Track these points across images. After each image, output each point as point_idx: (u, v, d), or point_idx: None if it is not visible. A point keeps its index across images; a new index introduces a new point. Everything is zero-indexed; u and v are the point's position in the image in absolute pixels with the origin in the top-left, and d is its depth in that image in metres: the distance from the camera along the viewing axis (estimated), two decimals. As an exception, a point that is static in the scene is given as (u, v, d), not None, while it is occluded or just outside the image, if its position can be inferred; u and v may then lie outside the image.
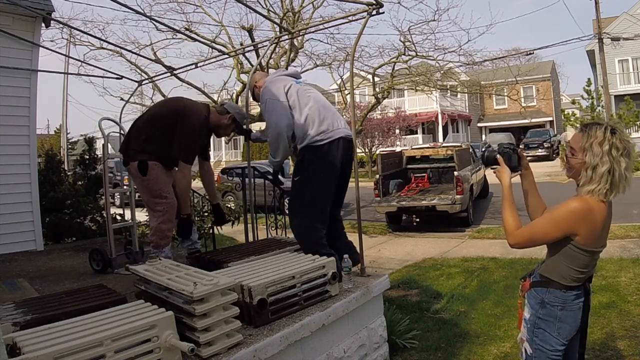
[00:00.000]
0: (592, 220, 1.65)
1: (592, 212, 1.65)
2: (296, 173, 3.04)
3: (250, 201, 4.33)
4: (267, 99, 3.00)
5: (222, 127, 3.37)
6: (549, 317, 1.76)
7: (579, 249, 1.69)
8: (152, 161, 3.18)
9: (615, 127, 1.70)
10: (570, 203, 1.68)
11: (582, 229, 1.66)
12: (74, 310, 2.06)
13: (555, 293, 1.76)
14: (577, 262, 1.71)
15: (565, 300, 1.75)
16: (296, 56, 9.32)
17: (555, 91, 31.84)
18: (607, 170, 1.64)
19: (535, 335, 1.80)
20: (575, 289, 1.75)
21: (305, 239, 2.98)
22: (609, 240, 6.88)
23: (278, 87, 3.04)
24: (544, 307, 1.77)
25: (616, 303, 3.94)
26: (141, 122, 3.31)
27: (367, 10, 3.24)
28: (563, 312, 1.75)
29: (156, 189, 3.20)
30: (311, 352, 2.39)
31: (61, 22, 7.21)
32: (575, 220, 1.65)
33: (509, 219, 1.77)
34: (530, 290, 1.84)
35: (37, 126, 5.55)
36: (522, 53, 20.52)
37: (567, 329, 1.77)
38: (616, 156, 1.64)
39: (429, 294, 4.66)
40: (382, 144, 22.83)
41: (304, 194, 2.97)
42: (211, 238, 5.36)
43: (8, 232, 5.03)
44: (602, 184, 1.65)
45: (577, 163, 1.72)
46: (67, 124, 19.36)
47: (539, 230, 1.72)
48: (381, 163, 9.63)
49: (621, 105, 17.11)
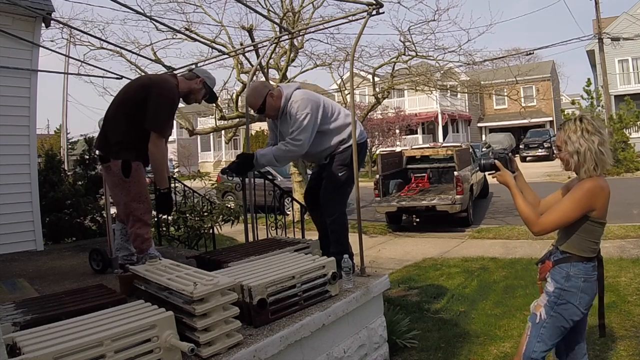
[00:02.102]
0: (604, 195, 1.94)
1: (602, 188, 1.94)
2: (341, 168, 3.14)
3: (250, 201, 4.33)
4: (308, 114, 2.95)
5: (193, 92, 3.18)
6: (573, 288, 2.00)
7: (596, 223, 1.97)
8: (135, 161, 3.01)
9: (583, 115, 2.05)
10: (584, 185, 1.94)
11: (598, 204, 1.94)
12: (73, 310, 2.06)
13: (578, 266, 2.00)
14: (594, 235, 1.99)
15: (586, 272, 2.00)
16: (296, 56, 9.32)
17: (555, 91, 31.84)
18: (586, 149, 1.95)
19: (557, 304, 2.03)
20: (593, 260, 2.01)
21: (343, 231, 3.20)
22: (609, 240, 6.90)
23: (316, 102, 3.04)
24: (569, 280, 2.00)
25: (616, 303, 3.94)
26: (113, 112, 3.05)
27: (367, 10, 3.24)
28: (585, 284, 2.00)
29: (136, 192, 3.04)
30: (311, 352, 2.39)
31: (61, 22, 7.22)
32: (592, 198, 1.92)
33: (527, 211, 2.01)
34: (554, 267, 2.07)
35: (37, 126, 5.54)
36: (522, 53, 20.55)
37: (586, 299, 2.02)
38: (588, 137, 1.96)
39: (429, 294, 4.66)
40: (382, 144, 22.84)
41: (347, 188, 3.22)
42: (211, 238, 5.37)
43: (8, 232, 5.03)
44: (588, 163, 1.95)
45: (565, 155, 2.02)
46: (67, 124, 19.35)
47: (562, 214, 1.96)
48: (381, 163, 9.63)
49: (621, 105, 17.10)
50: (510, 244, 6.71)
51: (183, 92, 3.16)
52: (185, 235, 5.83)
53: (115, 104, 3.08)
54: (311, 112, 2.96)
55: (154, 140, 2.92)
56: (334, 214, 3.18)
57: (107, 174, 3.15)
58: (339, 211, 3.20)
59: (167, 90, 2.96)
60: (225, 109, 11.25)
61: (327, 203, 3.20)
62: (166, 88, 2.97)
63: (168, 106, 2.96)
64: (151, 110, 2.88)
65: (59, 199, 6.23)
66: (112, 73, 5.60)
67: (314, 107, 2.99)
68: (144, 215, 3.07)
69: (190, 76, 3.19)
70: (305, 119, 2.94)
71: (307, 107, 2.95)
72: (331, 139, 3.16)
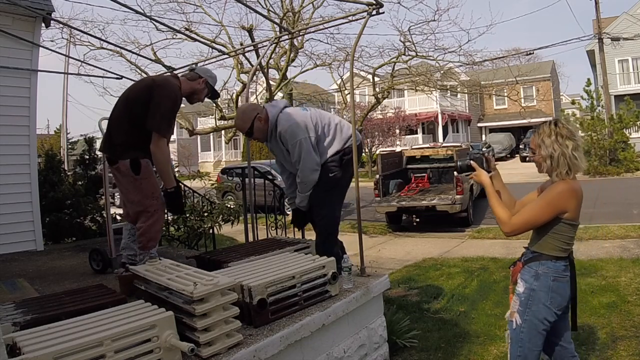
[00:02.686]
0: (576, 197, 1.96)
1: (575, 191, 1.96)
2: (335, 169, 3.12)
3: (250, 201, 4.33)
4: (302, 139, 2.96)
5: (196, 92, 3.19)
6: (543, 288, 1.99)
7: (567, 224, 1.98)
8: (143, 159, 2.99)
9: (558, 119, 2.06)
10: (557, 187, 1.96)
11: (570, 206, 1.95)
12: (73, 310, 2.06)
13: (547, 264, 2.00)
14: (565, 236, 1.99)
15: (556, 270, 1.99)
16: (296, 56, 9.32)
17: (555, 91, 31.85)
18: (559, 154, 1.95)
19: (528, 306, 2.02)
20: (563, 260, 2.01)
21: (332, 230, 3.17)
22: (609, 240, 6.89)
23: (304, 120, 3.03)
24: (538, 278, 2.01)
25: (616, 303, 3.94)
26: (117, 113, 3.06)
27: (367, 10, 3.24)
28: (555, 283, 1.99)
29: (148, 188, 3.03)
30: (311, 352, 2.39)
31: (61, 22, 7.23)
32: (563, 200, 1.94)
33: (500, 210, 2.05)
34: (524, 267, 2.08)
35: (37, 126, 5.54)
36: (522, 53, 20.56)
37: (558, 299, 1.99)
38: (562, 142, 1.96)
39: (429, 294, 4.66)
40: (382, 144, 22.83)
41: (342, 188, 3.19)
42: (211, 238, 5.37)
43: (8, 232, 5.03)
44: (561, 167, 1.96)
45: (538, 159, 2.03)
46: (67, 124, 19.35)
47: (533, 215, 1.97)
48: (381, 163, 9.63)
49: (621, 105, 17.10)
50: (510, 244, 6.70)
51: (185, 93, 3.16)
52: (185, 235, 5.83)
53: (119, 105, 3.08)
54: (303, 137, 2.97)
55: (156, 141, 2.92)
56: (324, 216, 3.16)
57: (117, 176, 3.13)
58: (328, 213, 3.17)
59: (169, 91, 2.96)
60: (225, 109, 11.26)
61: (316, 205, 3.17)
62: (168, 89, 2.97)
63: (169, 107, 2.96)
64: (153, 111, 2.88)
65: (59, 199, 6.23)
66: (112, 73, 5.60)
67: (303, 131, 2.99)
68: (157, 210, 3.05)
69: (192, 77, 3.19)
70: (301, 146, 2.97)
71: (297, 135, 2.97)
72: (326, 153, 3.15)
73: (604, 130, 16.13)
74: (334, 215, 3.21)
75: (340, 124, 3.21)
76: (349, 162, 3.15)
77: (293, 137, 2.96)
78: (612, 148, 15.64)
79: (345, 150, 3.15)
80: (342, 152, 3.14)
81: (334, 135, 3.13)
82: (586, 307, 3.89)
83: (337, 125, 3.17)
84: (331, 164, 3.12)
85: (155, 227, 3.08)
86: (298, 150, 2.97)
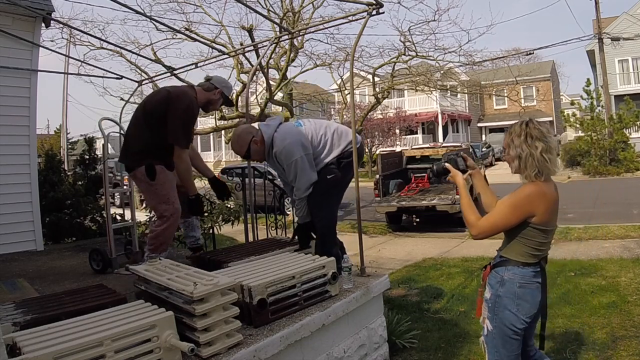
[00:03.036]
0: (545, 201, 1.87)
1: (544, 194, 1.87)
2: (333, 172, 3.12)
3: (250, 201, 4.33)
4: (297, 159, 2.97)
5: (212, 102, 3.28)
6: (509, 294, 1.92)
7: (536, 229, 1.89)
8: (158, 165, 3.08)
9: (531, 119, 1.96)
10: (525, 189, 1.89)
11: (539, 209, 1.86)
12: (73, 310, 2.06)
13: (513, 270, 1.93)
14: (534, 241, 1.90)
15: (523, 277, 1.91)
16: (296, 56, 9.33)
17: (555, 91, 31.85)
18: (527, 155, 1.88)
19: (495, 313, 1.95)
20: (532, 265, 1.92)
21: (331, 230, 3.17)
22: (609, 240, 6.89)
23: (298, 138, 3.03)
24: (504, 285, 1.93)
25: (616, 303, 3.94)
26: (135, 124, 3.18)
27: (367, 10, 3.24)
28: (521, 290, 1.91)
29: (164, 194, 3.12)
30: (311, 352, 2.39)
31: (61, 22, 7.23)
32: (532, 203, 1.86)
33: (469, 212, 1.98)
34: (491, 272, 2.01)
35: (37, 126, 5.54)
36: (522, 53, 20.56)
37: (526, 306, 1.91)
38: (531, 143, 1.88)
39: (429, 294, 4.66)
40: (382, 144, 22.84)
41: (340, 190, 3.20)
42: (211, 238, 5.37)
43: (8, 232, 5.03)
44: (529, 169, 1.88)
45: (508, 158, 1.97)
46: (67, 124, 19.36)
47: (500, 218, 1.90)
48: (381, 163, 9.63)
49: (621, 105, 17.11)
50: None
51: (201, 103, 3.24)
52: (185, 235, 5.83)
53: (137, 117, 3.18)
54: (298, 156, 2.98)
55: (177, 153, 3.09)
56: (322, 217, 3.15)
57: (135, 182, 3.29)
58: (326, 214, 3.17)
59: (186, 104, 3.05)
60: (225, 109, 11.25)
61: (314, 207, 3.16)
62: (185, 102, 3.06)
63: (188, 120, 3.08)
64: (171, 125, 3.01)
65: (59, 199, 6.23)
66: (112, 73, 5.60)
67: (298, 150, 2.99)
68: (172, 215, 3.14)
69: (208, 87, 3.25)
70: (296, 166, 2.98)
71: (293, 155, 2.98)
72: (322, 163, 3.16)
73: (603, 130, 16.14)
74: (332, 216, 3.21)
75: (338, 131, 3.19)
76: (348, 164, 3.15)
77: (288, 158, 2.99)
78: (612, 148, 15.65)
79: (344, 154, 3.14)
80: (341, 156, 3.14)
81: (332, 144, 3.14)
82: (586, 307, 3.89)
83: (334, 132, 3.16)
84: (329, 167, 3.12)
85: (168, 232, 3.16)
86: (294, 169, 3.00)
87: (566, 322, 3.61)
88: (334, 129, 3.20)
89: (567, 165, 17.65)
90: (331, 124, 3.29)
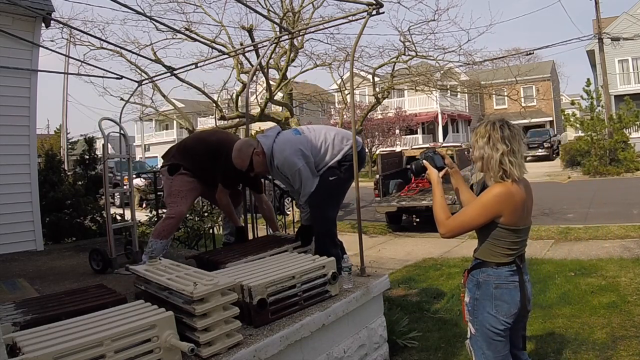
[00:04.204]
0: (513, 202, 1.85)
1: (512, 195, 1.85)
2: (334, 174, 3.11)
3: (250, 201, 4.32)
4: (300, 168, 2.98)
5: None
6: (485, 296, 1.92)
7: (505, 229, 1.88)
8: (185, 170, 3.51)
9: (496, 119, 1.94)
10: (493, 189, 1.87)
11: (506, 210, 1.85)
12: (73, 310, 2.06)
13: (487, 271, 1.93)
14: (505, 242, 1.89)
15: (498, 277, 1.90)
16: (296, 56, 9.33)
17: (555, 91, 31.84)
18: (489, 157, 1.87)
19: (475, 316, 1.96)
20: (507, 265, 1.91)
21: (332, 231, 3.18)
22: (609, 240, 6.88)
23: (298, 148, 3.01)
24: (480, 287, 1.94)
25: (616, 303, 3.94)
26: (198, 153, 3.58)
27: (367, 10, 3.24)
28: (498, 290, 1.90)
29: (175, 190, 3.48)
30: (311, 352, 2.39)
31: (61, 22, 7.22)
32: (499, 204, 1.85)
33: (439, 210, 1.98)
34: (468, 276, 2.01)
35: (37, 126, 5.54)
36: (522, 53, 20.56)
37: (505, 307, 1.90)
38: (493, 145, 1.87)
39: (429, 294, 4.66)
40: (382, 144, 22.84)
41: (340, 192, 3.21)
42: (211, 238, 5.36)
43: (8, 232, 5.03)
44: (492, 171, 1.88)
45: (473, 158, 1.97)
46: (67, 124, 19.35)
47: (468, 218, 1.91)
48: (381, 163, 9.63)
49: (621, 105, 17.11)
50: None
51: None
52: (185, 235, 5.83)
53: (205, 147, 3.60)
54: (301, 165, 2.99)
55: (220, 191, 3.55)
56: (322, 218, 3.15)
57: (163, 179, 3.70)
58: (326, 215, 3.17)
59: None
60: (225, 109, 11.26)
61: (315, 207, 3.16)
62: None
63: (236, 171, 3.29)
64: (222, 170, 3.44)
65: (59, 199, 6.22)
66: (112, 73, 5.60)
67: (299, 159, 2.99)
68: (173, 214, 3.51)
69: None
70: (300, 174, 3.00)
71: (295, 165, 2.98)
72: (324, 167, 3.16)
73: (603, 130, 16.14)
74: (332, 217, 3.21)
75: (338, 136, 3.17)
76: (349, 168, 3.14)
77: (291, 168, 3.00)
78: (612, 148, 15.64)
79: (345, 157, 3.14)
80: (343, 160, 3.14)
81: (333, 149, 3.13)
82: (586, 307, 3.89)
83: (334, 137, 3.15)
84: (332, 169, 3.12)
85: (168, 223, 3.53)
86: (299, 178, 3.02)
87: (566, 322, 3.61)
88: (334, 133, 3.19)
89: (567, 165, 17.66)
90: (331, 129, 3.29)
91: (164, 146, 31.84)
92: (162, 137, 35.73)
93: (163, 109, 12.89)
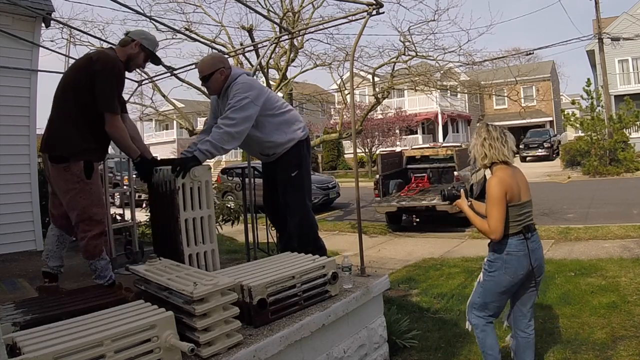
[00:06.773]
0: (508, 182, 2.38)
1: (503, 178, 2.38)
2: (293, 168, 3.13)
3: (250, 201, 4.33)
4: (250, 100, 2.88)
5: (132, 58, 2.95)
6: (498, 260, 2.45)
7: (509, 206, 2.38)
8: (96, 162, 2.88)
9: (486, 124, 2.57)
10: (490, 183, 2.39)
11: (507, 190, 2.36)
12: (73, 310, 2.06)
13: (501, 242, 2.42)
14: (509, 216, 2.39)
15: (509, 245, 2.41)
16: (296, 56, 9.33)
17: (555, 91, 31.85)
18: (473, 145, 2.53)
19: (489, 272, 2.51)
20: (516, 235, 2.40)
21: (314, 229, 3.20)
22: (609, 241, 6.88)
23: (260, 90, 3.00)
24: (494, 254, 2.48)
25: (616, 303, 3.94)
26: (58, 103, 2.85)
27: (367, 11, 3.25)
28: (508, 256, 2.41)
29: (97, 195, 2.87)
30: (311, 352, 2.39)
31: (61, 22, 7.22)
32: (501, 187, 2.36)
33: (481, 223, 2.45)
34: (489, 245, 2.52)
35: (37, 126, 5.54)
36: (522, 53, 20.54)
37: (512, 268, 2.41)
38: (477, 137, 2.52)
39: (429, 294, 4.66)
40: (382, 144, 22.84)
41: (304, 187, 3.18)
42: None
43: (8, 232, 5.03)
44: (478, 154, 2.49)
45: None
46: (67, 124, 19.28)
47: (495, 214, 2.36)
48: (381, 163, 9.63)
49: (621, 105, 17.11)
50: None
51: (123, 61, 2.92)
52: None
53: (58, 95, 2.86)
54: (251, 97, 2.88)
55: (110, 121, 2.76)
56: (299, 214, 3.17)
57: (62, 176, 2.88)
58: (304, 211, 3.20)
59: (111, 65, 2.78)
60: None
61: (289, 206, 3.17)
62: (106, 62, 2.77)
63: (115, 82, 2.80)
64: (100, 90, 2.72)
65: (59, 199, 6.22)
66: (112, 73, 5.58)
67: (255, 94, 2.90)
68: (103, 220, 2.92)
69: (124, 42, 2.94)
70: (243, 100, 2.85)
71: (248, 91, 2.88)
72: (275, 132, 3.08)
73: (603, 130, 16.14)
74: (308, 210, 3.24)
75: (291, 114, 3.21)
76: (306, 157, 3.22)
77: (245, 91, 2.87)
78: (612, 148, 15.65)
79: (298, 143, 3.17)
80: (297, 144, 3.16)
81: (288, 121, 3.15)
82: (586, 307, 3.89)
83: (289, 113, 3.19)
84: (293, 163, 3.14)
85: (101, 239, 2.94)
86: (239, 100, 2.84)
87: (566, 322, 3.61)
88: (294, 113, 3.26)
89: (567, 165, 17.66)
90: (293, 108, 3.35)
91: (164, 146, 31.90)
92: (162, 137, 35.74)
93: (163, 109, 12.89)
